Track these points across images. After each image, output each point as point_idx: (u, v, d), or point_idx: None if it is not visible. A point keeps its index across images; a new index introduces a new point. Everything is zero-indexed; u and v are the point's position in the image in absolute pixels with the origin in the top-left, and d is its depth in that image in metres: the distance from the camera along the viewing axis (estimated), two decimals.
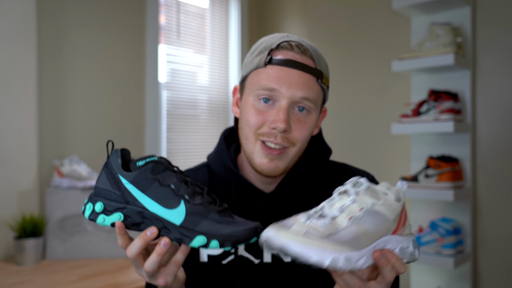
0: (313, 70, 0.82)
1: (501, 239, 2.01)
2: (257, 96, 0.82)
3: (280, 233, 0.57)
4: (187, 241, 0.66)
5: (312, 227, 0.59)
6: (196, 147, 2.87)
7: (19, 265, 1.76)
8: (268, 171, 0.82)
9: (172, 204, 0.67)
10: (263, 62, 0.82)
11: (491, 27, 2.04)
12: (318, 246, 0.56)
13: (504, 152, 2.01)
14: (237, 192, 0.89)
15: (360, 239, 0.60)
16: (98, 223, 0.68)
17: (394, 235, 0.65)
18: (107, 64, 2.35)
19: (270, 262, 0.86)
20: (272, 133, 0.81)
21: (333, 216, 0.61)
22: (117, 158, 0.70)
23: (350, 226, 0.60)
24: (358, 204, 0.62)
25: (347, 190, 0.65)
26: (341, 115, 2.57)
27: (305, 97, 0.81)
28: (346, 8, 2.56)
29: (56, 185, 1.91)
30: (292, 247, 0.56)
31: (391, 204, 0.64)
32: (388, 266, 0.63)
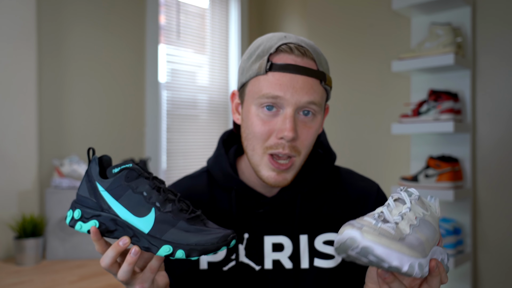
0: (316, 73, 0.79)
1: (501, 239, 2.01)
2: (260, 104, 0.79)
3: (364, 233, 0.56)
4: (154, 250, 0.66)
5: (384, 229, 0.58)
6: (196, 147, 2.87)
7: (19, 265, 1.76)
8: (276, 184, 0.81)
9: (143, 212, 0.67)
10: (263, 69, 0.79)
11: (491, 27, 2.04)
12: (399, 250, 0.56)
13: (504, 152, 2.01)
14: (238, 197, 0.88)
15: (424, 246, 0.60)
16: (76, 229, 0.70)
17: (438, 246, 0.66)
18: (107, 64, 2.35)
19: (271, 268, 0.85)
20: (280, 144, 0.78)
21: (396, 222, 0.60)
22: (95, 166, 0.70)
23: (413, 232, 0.60)
24: (413, 212, 0.62)
25: (402, 197, 0.65)
26: (341, 115, 2.57)
27: (310, 101, 0.78)
28: (346, 8, 2.56)
29: (56, 185, 1.91)
30: (377, 249, 0.55)
31: (435, 216, 0.66)
32: (438, 276, 0.63)
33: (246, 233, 0.86)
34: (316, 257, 0.85)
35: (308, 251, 0.85)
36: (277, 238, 0.85)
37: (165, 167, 2.69)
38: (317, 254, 0.85)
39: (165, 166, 2.69)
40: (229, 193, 0.89)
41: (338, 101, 2.58)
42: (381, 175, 2.40)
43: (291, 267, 0.84)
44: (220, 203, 0.89)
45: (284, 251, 0.85)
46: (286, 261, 0.85)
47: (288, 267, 0.84)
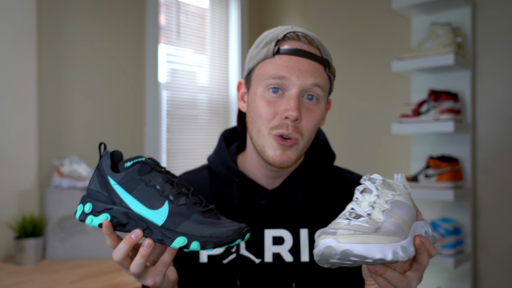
0: (320, 59, 0.82)
1: (501, 239, 2.01)
2: (267, 86, 0.82)
3: (339, 238, 0.56)
4: (168, 242, 0.66)
5: (358, 226, 0.58)
6: (196, 147, 2.87)
7: (19, 265, 1.76)
8: (281, 162, 0.82)
9: (156, 205, 0.67)
10: (271, 52, 0.82)
11: (491, 27, 2.04)
12: (376, 241, 0.56)
13: (504, 152, 2.01)
14: (239, 190, 0.89)
15: (402, 228, 0.60)
16: (86, 223, 0.69)
17: (417, 221, 0.66)
18: (107, 64, 2.35)
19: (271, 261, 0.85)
20: (284, 124, 0.80)
21: (368, 213, 0.61)
22: (107, 160, 0.70)
23: (388, 218, 0.60)
24: (382, 198, 0.63)
25: (367, 187, 0.65)
26: (341, 115, 2.57)
27: (315, 84, 0.81)
28: (346, 8, 2.56)
29: (56, 185, 1.91)
30: (356, 248, 0.55)
31: (405, 193, 0.66)
32: (425, 252, 0.63)
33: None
34: None
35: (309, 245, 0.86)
36: (278, 231, 0.86)
37: (165, 167, 2.69)
38: None
39: (165, 166, 2.69)
40: (230, 186, 0.90)
41: (338, 101, 2.58)
42: (381, 175, 2.40)
43: (291, 261, 0.85)
44: (221, 196, 0.89)
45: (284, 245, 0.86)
46: (286, 254, 0.85)
47: (288, 260, 0.85)
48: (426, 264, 0.64)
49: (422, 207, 2.15)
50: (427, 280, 2.14)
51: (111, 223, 0.68)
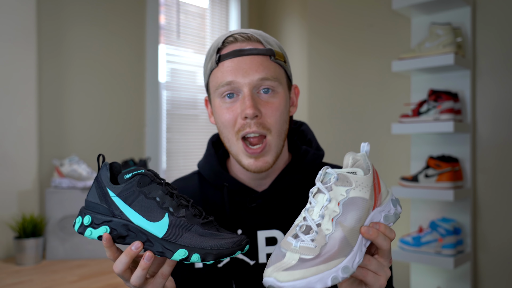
0: (261, 50, 0.82)
1: (501, 239, 2.01)
2: (221, 95, 0.83)
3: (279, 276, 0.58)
4: (169, 255, 0.65)
5: (304, 248, 0.60)
6: (196, 147, 2.87)
7: (19, 265, 1.76)
8: (258, 169, 0.83)
9: (156, 217, 0.67)
10: (214, 62, 0.84)
11: (491, 27, 2.04)
12: (316, 273, 0.58)
13: (504, 152, 2.01)
14: (229, 194, 0.89)
15: (347, 240, 0.61)
16: (86, 236, 0.69)
17: (375, 209, 0.66)
18: (107, 64, 2.35)
19: (265, 262, 0.86)
20: (246, 124, 0.81)
21: (317, 224, 0.62)
22: (106, 172, 0.70)
23: (335, 229, 0.61)
24: (334, 200, 0.63)
25: (319, 188, 0.65)
26: (341, 115, 2.57)
27: (263, 78, 0.81)
28: (346, 8, 2.56)
29: (56, 185, 1.91)
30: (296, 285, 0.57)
31: (363, 181, 0.64)
32: (380, 235, 0.63)
33: (239, 229, 0.87)
34: None
35: None
36: (270, 232, 0.87)
37: (165, 167, 2.69)
38: None
39: (165, 166, 2.69)
40: (220, 190, 0.90)
41: (338, 101, 2.58)
42: (381, 175, 2.40)
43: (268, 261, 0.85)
44: (212, 201, 0.90)
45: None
46: None
47: None
48: (387, 247, 0.65)
49: (422, 207, 2.15)
50: (427, 280, 2.15)
51: (111, 235, 0.67)
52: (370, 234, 0.62)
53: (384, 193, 0.68)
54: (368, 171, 0.66)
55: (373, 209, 0.65)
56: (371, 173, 0.66)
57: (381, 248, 0.65)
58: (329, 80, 2.62)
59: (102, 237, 0.68)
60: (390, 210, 0.68)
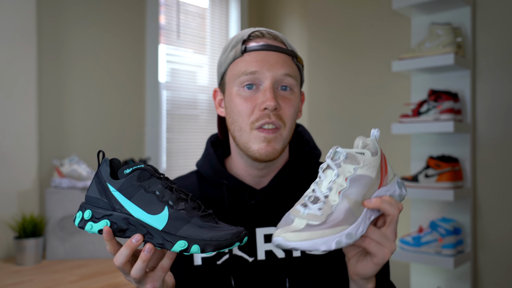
0: (287, 50, 0.86)
1: (501, 239, 2.01)
2: (241, 84, 0.85)
3: (287, 236, 0.62)
4: (169, 246, 0.66)
5: (311, 215, 0.64)
6: (196, 147, 2.87)
7: (19, 265, 1.76)
8: (267, 155, 0.84)
9: (156, 210, 0.68)
10: (239, 52, 0.85)
11: (491, 27, 2.04)
12: (321, 236, 0.62)
13: (504, 152, 2.01)
14: (228, 191, 0.90)
15: (352, 211, 0.65)
16: (86, 230, 0.69)
17: (380, 188, 0.69)
18: (107, 64, 2.35)
19: (264, 259, 0.87)
20: (264, 114, 0.83)
21: (325, 195, 0.66)
22: (106, 167, 0.71)
23: (342, 200, 0.65)
24: (342, 175, 0.67)
25: (329, 164, 0.68)
26: (341, 115, 2.57)
27: (287, 73, 0.84)
28: (346, 8, 2.56)
29: (56, 185, 1.91)
30: (302, 245, 0.62)
31: (370, 162, 0.68)
32: (385, 202, 0.66)
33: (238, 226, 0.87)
34: None
35: None
36: (269, 229, 0.88)
37: (165, 167, 2.69)
38: None
39: (165, 166, 2.69)
40: (219, 189, 0.91)
41: (338, 101, 2.58)
42: None
43: (284, 256, 0.87)
44: (211, 199, 0.91)
45: None
46: (279, 251, 0.87)
47: (280, 256, 0.87)
48: (395, 213, 0.67)
49: (422, 207, 2.15)
50: (427, 280, 2.15)
51: (111, 229, 0.68)
52: (373, 203, 0.66)
53: (390, 175, 0.72)
54: (376, 153, 0.70)
55: (378, 187, 0.69)
56: (379, 156, 0.70)
57: (389, 214, 0.67)
58: (329, 80, 2.62)
59: (102, 230, 0.69)
60: (395, 191, 0.72)
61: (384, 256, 0.67)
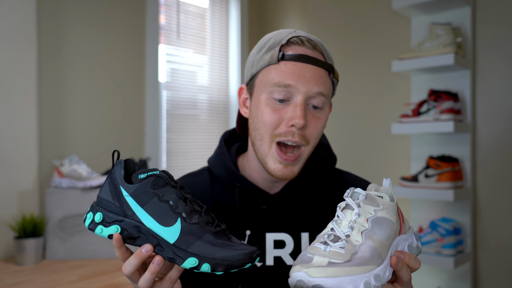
0: (325, 65, 0.81)
1: (501, 239, 2.01)
2: (271, 93, 0.80)
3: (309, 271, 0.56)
4: (179, 262, 0.65)
5: (333, 253, 0.59)
6: (196, 147, 2.87)
7: (19, 265, 1.76)
8: (283, 176, 0.82)
9: (169, 222, 0.66)
10: (275, 58, 0.80)
11: (491, 27, 2.04)
12: (349, 273, 0.56)
13: (504, 152, 2.01)
14: (240, 194, 0.88)
15: (379, 252, 0.61)
16: (96, 233, 0.68)
17: (400, 235, 0.66)
18: (107, 64, 2.35)
19: (272, 265, 0.85)
20: (289, 132, 0.79)
21: (347, 235, 0.61)
22: (120, 169, 0.69)
23: (366, 241, 0.61)
24: (363, 216, 0.63)
25: (348, 204, 0.65)
26: (341, 115, 2.57)
27: (320, 92, 0.80)
28: (346, 8, 2.56)
29: (56, 185, 1.91)
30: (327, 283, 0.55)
31: (389, 206, 0.65)
32: (404, 267, 0.64)
33: (248, 230, 0.86)
34: None
35: None
36: (279, 235, 0.86)
37: (165, 167, 2.69)
38: None
39: (165, 166, 2.69)
40: (231, 190, 0.89)
41: (338, 101, 2.58)
42: (381, 175, 2.40)
43: (292, 263, 0.85)
44: (222, 199, 0.89)
45: (285, 248, 0.86)
46: (288, 258, 0.85)
47: (289, 263, 0.85)
48: (408, 278, 0.65)
49: (422, 207, 2.15)
50: (427, 280, 2.15)
51: (121, 236, 0.67)
52: (398, 266, 0.63)
53: (407, 225, 0.69)
54: (393, 200, 0.67)
55: (399, 234, 0.66)
56: (395, 203, 0.67)
57: (401, 279, 0.65)
58: None
59: (112, 236, 0.67)
60: (413, 242, 0.68)
61: None
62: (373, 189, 0.68)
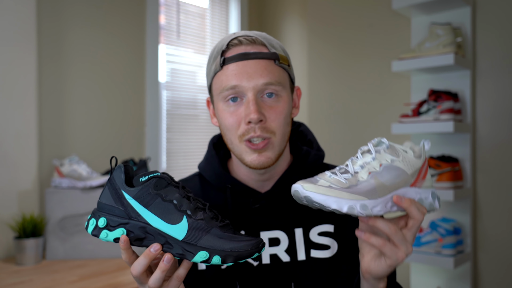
0: (266, 54, 0.83)
1: (501, 239, 2.01)
2: (224, 98, 0.83)
3: (305, 186, 0.64)
4: (190, 257, 0.66)
5: (336, 180, 0.66)
6: (196, 147, 2.87)
7: (19, 265, 1.76)
8: (261, 164, 0.83)
9: (175, 219, 0.67)
10: (218, 65, 0.83)
11: (491, 27, 2.04)
12: (338, 195, 0.63)
13: (504, 152, 2.01)
14: (232, 195, 0.89)
15: (376, 190, 0.66)
16: (101, 238, 0.68)
17: (412, 187, 0.69)
18: (107, 64, 2.35)
19: (268, 263, 0.86)
20: (250, 128, 0.81)
21: (355, 171, 0.68)
22: (121, 174, 0.69)
23: (369, 179, 0.67)
24: (378, 161, 0.68)
25: (370, 149, 0.70)
26: (341, 115, 2.57)
27: (267, 83, 0.81)
28: (346, 8, 2.56)
29: (56, 185, 1.91)
30: (315, 197, 0.63)
31: (410, 160, 0.69)
32: (413, 205, 0.66)
33: (242, 230, 0.87)
34: (312, 249, 0.87)
35: (304, 243, 0.87)
36: (273, 233, 0.87)
37: (165, 167, 2.69)
38: (313, 245, 0.87)
39: (165, 166, 2.69)
40: (222, 192, 0.90)
41: (338, 101, 2.58)
42: None
43: (289, 260, 0.86)
44: (214, 203, 0.90)
45: (280, 245, 0.87)
46: (283, 254, 0.86)
47: (285, 260, 0.86)
48: (419, 218, 0.66)
49: None
50: (427, 280, 2.15)
51: (128, 238, 0.67)
52: (402, 202, 0.66)
53: (427, 182, 0.72)
54: (419, 157, 0.70)
55: (410, 185, 0.69)
56: (422, 160, 0.70)
57: (414, 218, 0.67)
58: (329, 80, 2.62)
59: (119, 239, 0.67)
60: (427, 197, 0.71)
61: (398, 259, 0.67)
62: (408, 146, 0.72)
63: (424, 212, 0.67)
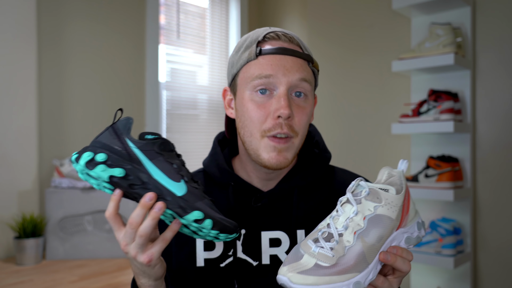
0: (303, 55, 0.83)
1: (501, 239, 2.01)
2: (254, 88, 0.81)
3: (293, 277, 0.61)
4: (183, 213, 0.65)
5: (322, 255, 0.62)
6: (196, 147, 2.87)
7: (19, 265, 1.76)
8: (278, 164, 0.81)
9: (176, 178, 0.67)
10: (253, 54, 0.82)
11: (491, 27, 2.04)
12: (328, 282, 0.60)
13: (504, 152, 2.01)
14: (235, 193, 0.89)
15: (365, 256, 0.63)
16: (93, 172, 0.64)
17: (398, 229, 0.67)
18: (107, 64, 2.35)
19: (268, 263, 0.85)
20: (277, 124, 0.79)
21: (339, 233, 0.64)
22: (127, 123, 0.68)
23: (356, 242, 0.63)
24: (361, 214, 0.64)
25: (349, 199, 0.66)
26: (341, 115, 2.57)
27: (302, 78, 0.81)
28: (346, 8, 2.56)
29: (56, 185, 1.91)
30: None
31: (393, 200, 0.66)
32: (399, 259, 0.65)
33: (243, 229, 0.87)
34: None
35: None
36: (274, 233, 0.86)
37: None
38: None
39: None
40: (225, 189, 0.90)
41: (338, 101, 2.58)
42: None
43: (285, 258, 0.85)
44: (216, 199, 0.89)
45: (281, 246, 0.86)
46: (284, 256, 0.85)
47: None
48: (406, 270, 0.67)
49: (422, 207, 2.15)
50: (427, 280, 2.15)
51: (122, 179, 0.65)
52: (388, 259, 0.65)
53: (411, 214, 0.69)
54: (400, 190, 0.67)
55: (397, 229, 0.67)
56: (403, 193, 0.67)
57: (401, 271, 0.67)
58: (329, 80, 2.62)
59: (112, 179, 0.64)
60: (413, 232, 0.69)
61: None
62: (385, 175, 0.69)
63: (410, 259, 0.67)
